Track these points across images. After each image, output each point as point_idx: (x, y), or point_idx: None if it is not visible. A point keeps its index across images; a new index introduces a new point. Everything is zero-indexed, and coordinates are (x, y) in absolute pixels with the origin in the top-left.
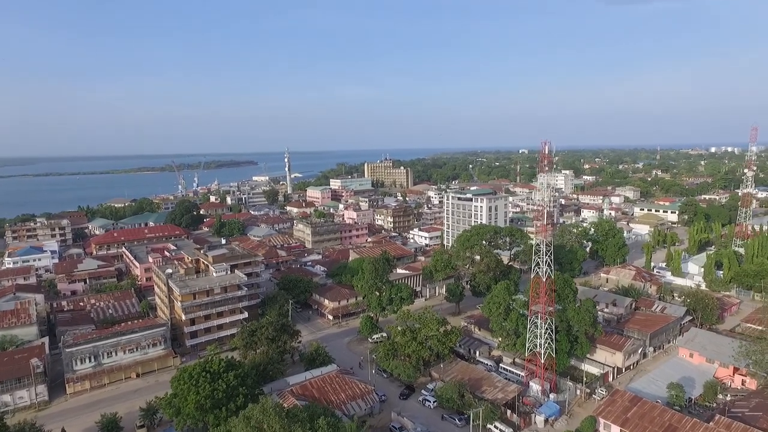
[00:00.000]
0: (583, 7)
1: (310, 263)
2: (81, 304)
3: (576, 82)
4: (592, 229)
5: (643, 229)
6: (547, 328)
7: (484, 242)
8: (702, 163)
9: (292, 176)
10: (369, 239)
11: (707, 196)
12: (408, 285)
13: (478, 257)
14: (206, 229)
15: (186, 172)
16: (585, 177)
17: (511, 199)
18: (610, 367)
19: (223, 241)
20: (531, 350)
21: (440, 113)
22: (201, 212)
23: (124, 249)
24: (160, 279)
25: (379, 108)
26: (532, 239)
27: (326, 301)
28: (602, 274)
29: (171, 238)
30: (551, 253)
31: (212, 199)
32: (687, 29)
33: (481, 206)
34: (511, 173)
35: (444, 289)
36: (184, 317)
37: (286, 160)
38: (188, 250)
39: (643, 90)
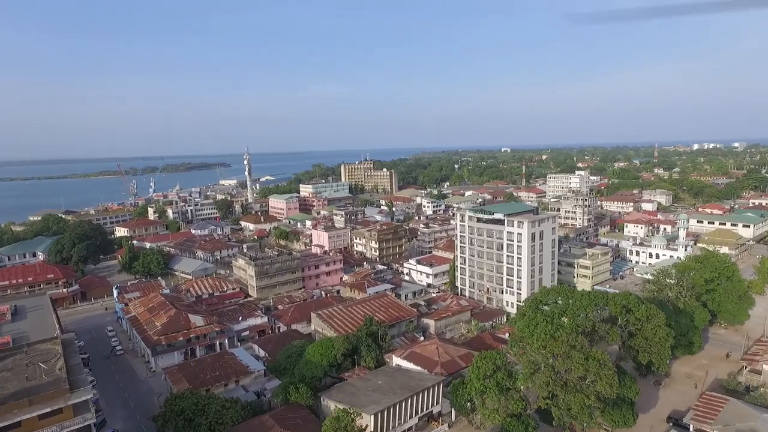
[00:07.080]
0: (552, 8)
1: (245, 334)
2: None
3: (549, 81)
4: (693, 271)
5: None
6: None
7: (582, 336)
8: (701, 160)
9: (263, 179)
10: (345, 278)
11: (757, 201)
12: None
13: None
14: (121, 258)
15: (145, 176)
16: (590, 177)
17: (559, 220)
18: None
19: (115, 290)
20: None
21: (418, 112)
22: (120, 234)
23: None
24: None
25: (358, 107)
26: (650, 309)
27: None
28: (765, 366)
29: (36, 287)
30: None
31: (150, 213)
32: (666, 31)
33: (519, 233)
34: (506, 174)
35: (481, 404)
36: None
37: (245, 162)
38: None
39: (617, 89)
